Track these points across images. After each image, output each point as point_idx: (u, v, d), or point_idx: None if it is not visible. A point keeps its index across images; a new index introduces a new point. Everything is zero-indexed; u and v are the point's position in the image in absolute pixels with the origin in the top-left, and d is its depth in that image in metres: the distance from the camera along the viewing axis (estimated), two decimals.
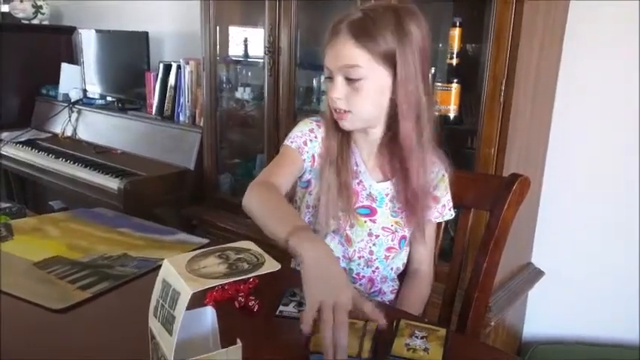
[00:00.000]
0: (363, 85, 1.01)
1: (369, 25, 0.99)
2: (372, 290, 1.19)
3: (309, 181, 1.15)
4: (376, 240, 1.14)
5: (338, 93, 1.03)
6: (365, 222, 1.13)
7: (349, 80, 1.02)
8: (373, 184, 1.13)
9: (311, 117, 1.18)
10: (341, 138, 1.11)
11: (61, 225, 1.23)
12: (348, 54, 1.00)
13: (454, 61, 1.73)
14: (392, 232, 1.14)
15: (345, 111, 1.04)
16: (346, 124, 1.06)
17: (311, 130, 1.13)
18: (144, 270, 1.06)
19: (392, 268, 1.19)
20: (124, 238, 1.23)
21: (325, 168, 1.10)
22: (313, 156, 1.12)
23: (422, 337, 0.83)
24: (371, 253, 1.14)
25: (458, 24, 1.70)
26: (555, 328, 2.06)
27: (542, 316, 2.08)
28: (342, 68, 1.01)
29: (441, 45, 1.87)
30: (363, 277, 1.17)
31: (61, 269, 1.06)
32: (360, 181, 1.12)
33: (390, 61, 1.00)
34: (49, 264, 1.08)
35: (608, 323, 1.95)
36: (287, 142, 1.13)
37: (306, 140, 1.12)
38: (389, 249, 1.15)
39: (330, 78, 1.05)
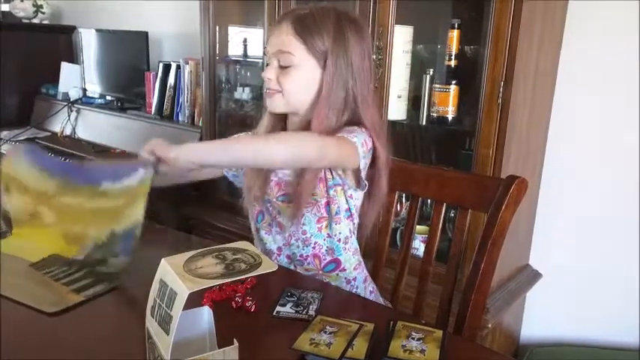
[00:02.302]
0: (292, 72, 1.11)
1: (311, 22, 1.10)
2: (323, 266, 1.19)
3: None
4: (303, 219, 1.16)
5: (270, 74, 1.13)
6: (287, 207, 1.16)
7: (282, 66, 1.12)
8: (285, 172, 1.18)
9: None
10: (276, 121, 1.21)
11: (53, 203, 1.22)
12: (286, 41, 1.11)
13: (452, 63, 1.74)
14: (313, 204, 1.15)
15: (275, 91, 1.13)
16: (273, 103, 1.15)
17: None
18: (130, 256, 1.06)
19: (336, 238, 1.19)
20: (100, 202, 1.17)
21: None
22: None
23: (418, 339, 0.83)
24: (304, 232, 1.17)
25: (456, 26, 1.71)
26: (553, 330, 2.07)
27: (539, 318, 2.08)
28: (277, 53, 1.12)
29: (439, 46, 1.87)
30: (307, 256, 1.19)
31: (57, 270, 1.06)
32: (277, 173, 1.18)
33: (322, 57, 1.10)
34: (46, 265, 1.08)
35: (606, 325, 1.95)
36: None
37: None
38: (319, 220, 1.16)
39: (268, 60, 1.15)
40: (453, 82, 1.74)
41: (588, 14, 1.78)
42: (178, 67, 2.68)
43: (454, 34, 1.71)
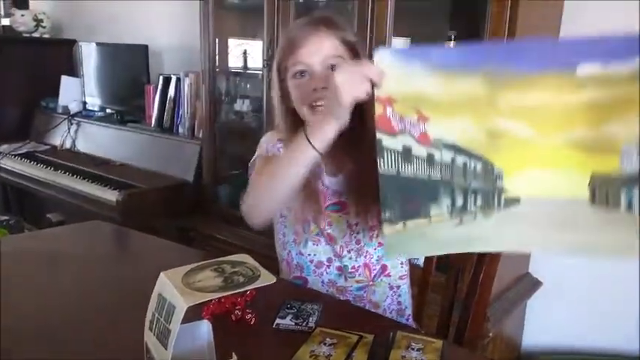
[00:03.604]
0: None
1: (337, 21, 1.09)
2: (373, 275, 1.16)
3: None
4: (357, 228, 1.14)
5: (324, 82, 1.02)
6: (340, 217, 1.14)
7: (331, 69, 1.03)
8: (332, 179, 1.15)
9: (273, 131, 1.23)
10: None
11: (499, 107, 0.83)
12: (334, 45, 1.06)
13: None
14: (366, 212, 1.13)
15: None
16: None
17: (279, 140, 1.18)
18: None
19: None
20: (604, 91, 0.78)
21: None
22: None
23: (418, 349, 0.83)
24: (358, 242, 1.14)
25: (453, 38, 1.72)
26: (555, 338, 2.06)
27: (541, 326, 2.07)
28: (327, 58, 1.05)
29: None
30: (359, 267, 1.15)
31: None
32: (323, 180, 1.14)
33: (355, 52, 1.08)
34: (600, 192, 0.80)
35: (607, 333, 1.95)
36: (259, 152, 1.18)
37: (279, 147, 1.17)
38: (372, 228, 1.14)
39: (302, 73, 1.07)
40: None
41: (581, 30, 1.79)
42: (178, 79, 2.69)
43: (451, 46, 1.72)
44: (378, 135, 0.85)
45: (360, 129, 0.99)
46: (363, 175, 1.06)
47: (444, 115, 0.85)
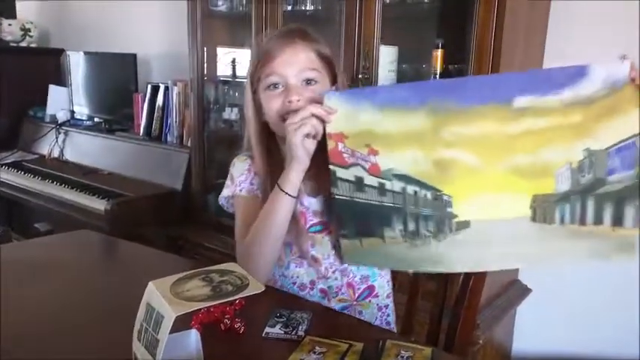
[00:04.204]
0: (319, 88, 1.04)
1: (312, 33, 1.08)
2: (358, 296, 1.15)
3: None
4: None
5: (299, 94, 1.02)
6: (323, 237, 1.12)
7: (306, 84, 1.04)
8: (311, 200, 1.12)
9: (240, 155, 1.19)
10: (274, 165, 1.10)
11: (442, 139, 0.92)
12: (309, 58, 1.05)
13: None
14: None
15: None
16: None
17: (249, 167, 1.15)
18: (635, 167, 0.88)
19: None
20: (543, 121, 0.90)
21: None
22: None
23: (408, 357, 0.83)
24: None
25: (440, 45, 1.74)
26: (544, 344, 2.06)
27: (531, 333, 2.08)
28: (301, 72, 1.04)
29: (424, 66, 1.90)
30: (342, 286, 1.14)
31: (552, 209, 0.92)
32: (302, 201, 1.10)
33: (331, 66, 1.08)
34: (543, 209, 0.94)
35: (596, 339, 1.96)
36: (237, 191, 1.15)
37: (251, 179, 1.14)
38: None
39: (276, 85, 1.05)
40: None
41: (568, 34, 1.81)
42: (167, 88, 2.68)
43: (438, 54, 1.74)
44: (332, 167, 0.96)
45: None
46: None
47: (393, 149, 0.93)
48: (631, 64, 0.85)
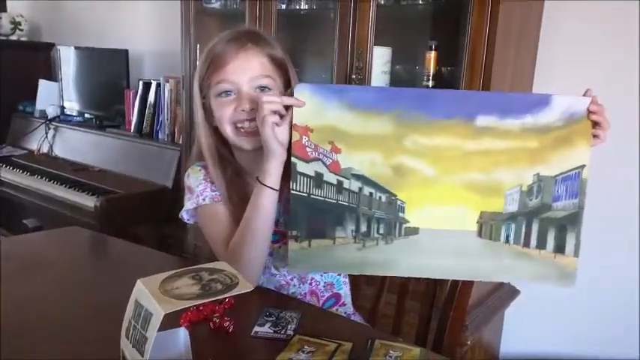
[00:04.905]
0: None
1: (263, 35, 1.06)
2: (322, 303, 1.16)
3: None
4: None
5: (252, 103, 1.01)
6: (279, 247, 1.11)
7: (260, 91, 1.03)
8: None
9: (192, 166, 1.17)
10: (230, 174, 1.10)
11: (405, 147, 0.96)
12: (262, 64, 1.03)
13: (430, 84, 1.77)
14: None
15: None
16: (253, 140, 1.04)
17: (205, 177, 1.12)
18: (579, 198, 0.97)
19: (335, 272, 1.16)
20: (499, 143, 0.96)
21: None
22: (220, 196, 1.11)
23: (396, 357, 0.84)
24: None
25: (434, 47, 1.74)
26: (532, 346, 2.08)
27: (519, 334, 2.09)
28: (255, 78, 1.02)
29: (417, 67, 1.91)
30: (305, 294, 1.14)
31: (495, 229, 0.99)
32: None
33: (282, 68, 1.06)
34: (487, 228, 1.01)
35: (585, 340, 1.97)
36: (200, 201, 1.11)
37: (210, 187, 1.11)
38: None
39: (227, 92, 1.04)
40: None
41: (563, 36, 1.83)
42: (158, 85, 2.67)
43: (431, 56, 1.75)
44: (293, 159, 0.97)
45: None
46: None
47: (355, 148, 0.96)
48: (593, 99, 0.91)
